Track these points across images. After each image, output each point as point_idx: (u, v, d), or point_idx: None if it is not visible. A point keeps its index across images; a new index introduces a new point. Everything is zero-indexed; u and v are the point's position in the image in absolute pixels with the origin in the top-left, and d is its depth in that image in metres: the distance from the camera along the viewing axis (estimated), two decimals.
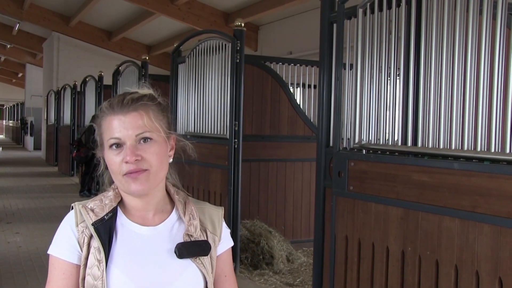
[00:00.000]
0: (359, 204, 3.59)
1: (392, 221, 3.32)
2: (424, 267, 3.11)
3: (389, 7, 3.43)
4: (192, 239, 1.45)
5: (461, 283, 2.89)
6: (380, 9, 3.48)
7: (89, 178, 11.07)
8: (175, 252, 1.41)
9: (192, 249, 1.43)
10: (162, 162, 1.43)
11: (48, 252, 1.43)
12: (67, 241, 1.41)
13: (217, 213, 1.56)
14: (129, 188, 1.39)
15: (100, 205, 1.45)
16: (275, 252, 6.02)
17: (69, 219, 1.44)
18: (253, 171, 6.77)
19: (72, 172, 14.59)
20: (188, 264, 1.43)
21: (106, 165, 1.48)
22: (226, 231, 1.56)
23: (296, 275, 5.80)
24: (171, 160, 1.50)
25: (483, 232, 2.77)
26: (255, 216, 6.69)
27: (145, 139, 1.40)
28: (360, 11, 3.61)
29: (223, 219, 1.57)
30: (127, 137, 1.38)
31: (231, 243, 1.58)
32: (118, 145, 1.39)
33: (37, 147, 24.59)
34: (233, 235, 5.65)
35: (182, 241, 1.44)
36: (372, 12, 3.53)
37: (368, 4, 3.55)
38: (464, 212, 2.86)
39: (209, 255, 1.47)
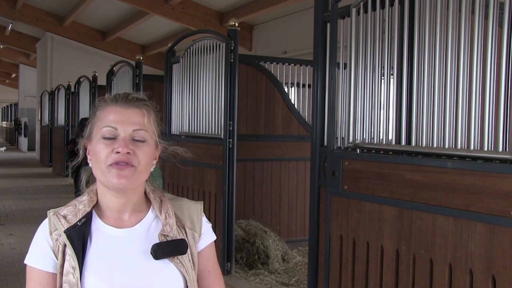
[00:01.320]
0: (353, 203, 3.59)
1: (387, 220, 3.33)
2: (418, 265, 3.12)
3: (382, 6, 3.44)
4: (168, 238, 1.43)
5: (455, 282, 2.90)
6: (374, 9, 3.48)
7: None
8: (151, 254, 1.39)
9: (168, 249, 1.41)
10: (148, 164, 1.43)
11: (25, 262, 1.41)
12: (42, 250, 1.40)
13: (195, 208, 1.54)
14: (111, 180, 1.37)
15: (73, 211, 1.43)
16: (270, 252, 6.03)
17: (43, 227, 1.43)
18: (248, 171, 6.77)
19: (67, 173, 14.54)
20: (165, 265, 1.41)
21: (85, 159, 1.46)
22: (206, 226, 1.54)
23: (291, 275, 5.80)
24: (152, 168, 1.48)
25: (477, 230, 2.78)
26: (250, 216, 6.69)
27: (139, 138, 1.40)
28: (354, 10, 3.62)
29: (203, 214, 1.54)
30: (124, 130, 1.38)
31: (213, 238, 1.55)
32: (111, 136, 1.38)
33: (31, 148, 24.50)
34: (228, 235, 5.65)
35: (158, 241, 1.42)
36: (366, 11, 3.54)
37: (362, 3, 3.56)
38: (458, 210, 2.87)
39: (189, 252, 1.45)
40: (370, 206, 3.45)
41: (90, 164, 1.45)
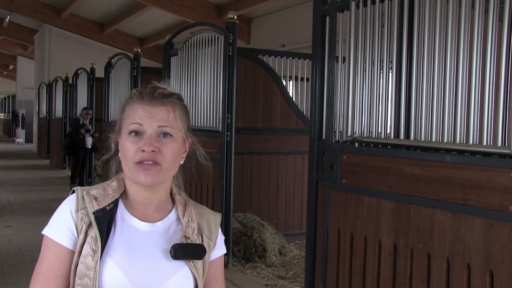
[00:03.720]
0: (351, 197, 3.59)
1: (385, 214, 3.32)
2: (416, 260, 3.12)
3: (382, 0, 3.42)
4: (189, 241, 1.44)
5: (452, 276, 2.90)
6: (373, 2, 3.47)
7: (80, 170, 10.94)
8: (170, 253, 1.40)
9: (187, 251, 1.42)
10: (175, 161, 1.44)
11: (43, 232, 1.39)
12: (65, 225, 1.39)
13: (214, 218, 1.56)
14: (138, 178, 1.38)
15: (103, 194, 1.43)
16: (268, 245, 6.03)
17: (70, 203, 1.42)
18: (246, 164, 6.77)
19: (64, 165, 14.54)
20: (181, 266, 1.42)
21: (117, 151, 1.47)
22: (221, 238, 1.56)
23: (288, 268, 5.81)
24: (182, 162, 1.50)
25: (475, 225, 2.78)
26: (247, 209, 6.70)
27: (165, 134, 1.41)
28: (353, 4, 3.60)
29: (219, 225, 1.56)
30: (149, 126, 1.39)
31: (224, 250, 1.57)
32: (138, 133, 1.39)
33: (28, 139, 24.47)
34: (226, 228, 5.65)
35: (178, 242, 1.43)
36: (365, 5, 3.52)
37: None
38: (456, 205, 2.87)
39: (202, 259, 1.46)
40: (368, 200, 3.45)
41: (120, 158, 1.46)
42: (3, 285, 5.11)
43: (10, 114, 31.06)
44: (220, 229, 1.57)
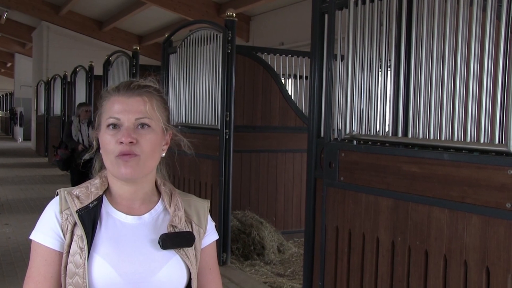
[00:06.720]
0: (349, 195, 3.60)
1: (382, 212, 3.34)
2: (413, 257, 3.14)
3: None
4: (177, 230, 1.45)
5: (449, 273, 2.92)
6: (372, 0, 3.47)
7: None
8: (159, 243, 1.41)
9: (176, 240, 1.43)
10: (154, 151, 1.43)
11: (31, 237, 1.42)
12: (50, 228, 1.40)
13: (202, 205, 1.56)
14: (119, 171, 1.39)
15: (85, 192, 1.44)
16: (266, 243, 6.05)
17: (54, 205, 1.43)
18: (244, 162, 6.78)
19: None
20: (171, 255, 1.43)
21: (98, 148, 1.48)
22: (211, 224, 1.57)
23: (287, 266, 5.83)
24: (163, 154, 1.50)
25: (472, 222, 2.79)
26: (246, 207, 6.70)
27: (143, 125, 1.41)
28: (352, 2, 3.61)
29: (208, 212, 1.57)
30: (126, 119, 1.39)
31: (216, 236, 1.58)
32: (115, 125, 1.40)
33: (27, 137, 24.44)
34: (224, 226, 5.67)
35: (166, 232, 1.44)
36: (364, 3, 3.53)
37: None
38: (453, 202, 2.88)
39: (193, 247, 1.47)
40: (366, 197, 3.46)
41: (102, 153, 1.46)
42: (1, 283, 5.12)
43: (8, 112, 31.00)
44: (209, 216, 1.57)
